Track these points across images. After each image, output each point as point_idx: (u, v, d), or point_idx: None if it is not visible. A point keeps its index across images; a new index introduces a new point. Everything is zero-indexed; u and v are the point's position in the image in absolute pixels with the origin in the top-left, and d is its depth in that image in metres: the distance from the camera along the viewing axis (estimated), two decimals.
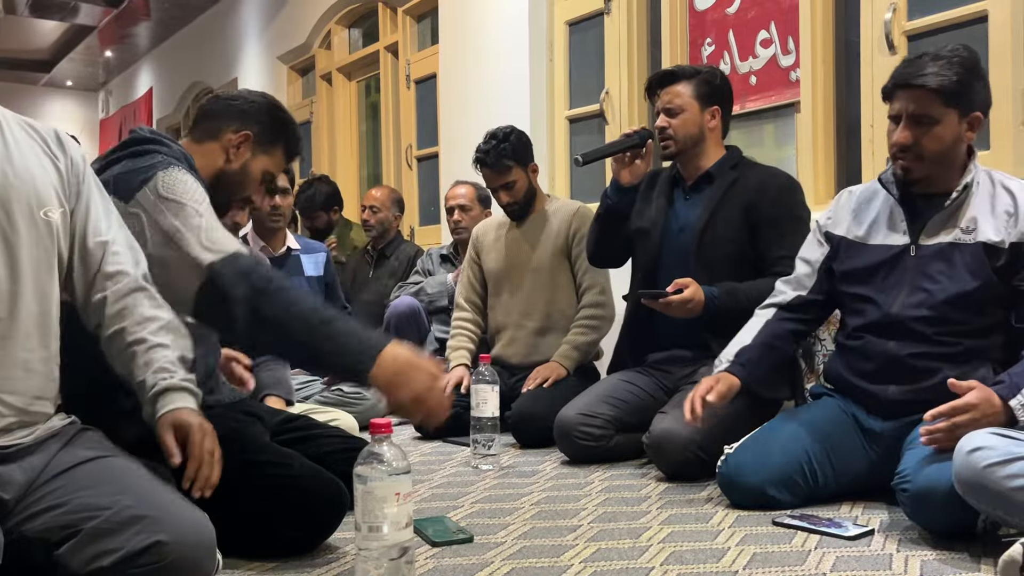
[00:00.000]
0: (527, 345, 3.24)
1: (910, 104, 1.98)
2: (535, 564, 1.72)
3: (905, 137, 1.99)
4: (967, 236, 2.00)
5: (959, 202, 2.02)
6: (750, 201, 2.58)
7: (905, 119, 2.00)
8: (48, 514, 1.35)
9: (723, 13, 3.56)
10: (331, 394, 3.37)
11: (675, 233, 2.69)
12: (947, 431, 1.76)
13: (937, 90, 1.95)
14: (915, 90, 1.97)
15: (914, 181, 2.04)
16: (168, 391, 1.51)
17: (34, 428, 1.45)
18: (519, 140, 3.20)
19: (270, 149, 1.99)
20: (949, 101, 1.96)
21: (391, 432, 1.45)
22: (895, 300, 2.06)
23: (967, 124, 2.00)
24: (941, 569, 1.63)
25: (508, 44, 4.49)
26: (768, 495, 2.06)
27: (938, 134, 1.98)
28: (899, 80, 2.00)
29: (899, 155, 2.02)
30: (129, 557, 1.28)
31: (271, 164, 2.01)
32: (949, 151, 2.01)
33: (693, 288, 2.44)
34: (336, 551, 1.82)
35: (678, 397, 2.54)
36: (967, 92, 1.97)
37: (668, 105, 2.64)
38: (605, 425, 2.64)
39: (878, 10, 2.95)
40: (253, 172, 1.98)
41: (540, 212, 3.28)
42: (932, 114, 1.97)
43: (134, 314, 1.55)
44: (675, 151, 2.66)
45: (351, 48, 6.60)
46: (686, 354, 2.68)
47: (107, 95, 12.48)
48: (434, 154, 5.35)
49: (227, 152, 1.95)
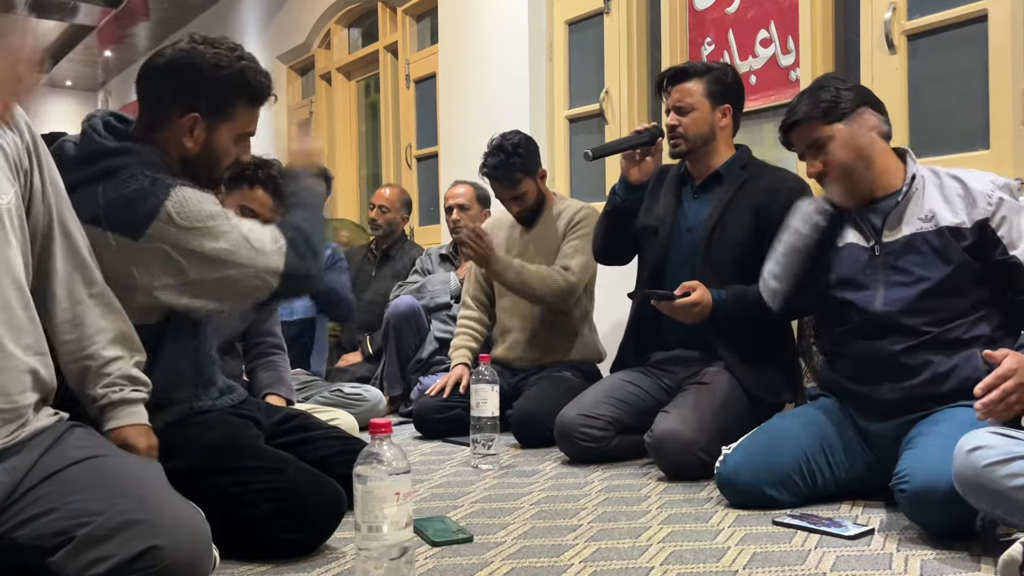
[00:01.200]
0: (530, 348, 3.24)
1: (799, 142, 2.16)
2: (535, 564, 1.72)
3: (814, 167, 2.15)
4: (927, 224, 2.04)
5: (910, 196, 2.08)
6: (760, 204, 2.56)
7: (806, 153, 2.16)
8: (40, 520, 1.33)
9: (723, 12, 3.56)
10: (331, 394, 3.37)
11: (683, 232, 2.67)
12: (1000, 399, 1.72)
13: (807, 117, 2.12)
14: (794, 128, 2.15)
15: (853, 203, 2.14)
16: (118, 404, 1.55)
17: (17, 426, 1.41)
18: (527, 150, 3.18)
19: (228, 113, 1.84)
20: (825, 118, 2.10)
21: (391, 432, 1.45)
22: (874, 299, 2.07)
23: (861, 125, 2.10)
24: (941, 568, 1.63)
25: (508, 44, 4.48)
26: (766, 495, 2.07)
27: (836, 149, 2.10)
28: (780, 129, 2.20)
29: (823, 184, 2.16)
30: (124, 563, 1.27)
31: (237, 127, 1.86)
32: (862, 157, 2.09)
33: (700, 291, 2.43)
34: (336, 551, 1.82)
35: (681, 397, 2.54)
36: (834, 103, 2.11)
37: (679, 103, 2.62)
38: (606, 427, 2.63)
39: (878, 9, 2.95)
40: (219, 145, 1.85)
41: (548, 214, 3.28)
42: (819, 136, 2.11)
43: (85, 324, 1.58)
44: (685, 150, 2.64)
45: (350, 48, 6.59)
46: (691, 355, 2.67)
47: (106, 95, 12.47)
48: (433, 154, 5.34)
49: (181, 140, 1.82)
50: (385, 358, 3.82)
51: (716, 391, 2.50)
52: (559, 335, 3.20)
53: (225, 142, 1.87)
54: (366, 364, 4.10)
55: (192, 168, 1.86)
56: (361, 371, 4.00)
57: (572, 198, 3.99)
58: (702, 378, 2.57)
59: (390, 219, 4.36)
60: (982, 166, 2.43)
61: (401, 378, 3.76)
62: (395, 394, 3.77)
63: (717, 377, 2.54)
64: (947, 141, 2.80)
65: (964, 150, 2.74)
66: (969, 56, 2.74)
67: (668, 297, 2.44)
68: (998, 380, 1.73)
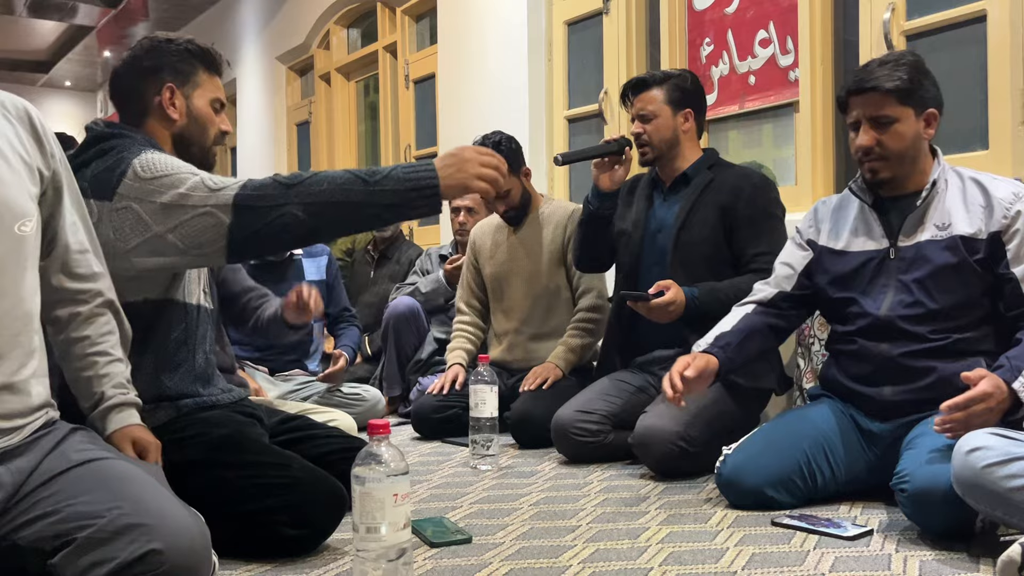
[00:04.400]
0: (526, 350, 3.24)
1: (867, 108, 2.05)
2: (534, 565, 1.72)
3: (867, 139, 2.05)
4: (942, 232, 2.03)
5: (930, 200, 2.06)
6: (725, 202, 2.64)
7: (864, 123, 2.06)
8: (41, 522, 1.33)
9: (722, 13, 3.56)
10: (330, 395, 3.37)
11: (653, 234, 2.75)
12: (963, 420, 1.75)
13: (891, 90, 2.01)
14: (869, 93, 2.03)
15: (882, 183, 2.09)
16: (124, 406, 1.58)
17: (18, 427, 1.42)
18: (509, 149, 3.19)
19: (193, 79, 2.00)
20: (904, 99, 2.03)
21: (389, 433, 1.45)
22: (882, 303, 2.07)
23: (924, 121, 2.06)
24: (940, 569, 1.63)
25: (507, 44, 4.48)
26: (767, 496, 2.06)
27: (898, 132, 2.04)
28: (852, 87, 2.07)
29: (864, 159, 2.08)
30: (124, 567, 1.27)
31: (207, 92, 2.01)
32: (911, 149, 2.06)
33: (675, 290, 2.47)
34: (335, 552, 1.82)
35: (660, 397, 2.55)
36: (919, 90, 2.04)
37: (641, 111, 2.72)
38: (601, 421, 2.65)
39: (877, 10, 2.94)
40: (201, 110, 2.00)
41: (536, 215, 3.27)
42: (890, 113, 2.03)
43: (98, 324, 1.61)
44: (652, 156, 2.73)
45: (350, 48, 6.59)
46: (669, 353, 2.68)
47: (105, 95, 12.48)
48: (433, 154, 5.34)
49: (168, 114, 1.97)
50: (384, 359, 3.82)
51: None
52: (555, 337, 3.20)
53: (204, 107, 2.01)
54: (365, 364, 4.10)
55: (185, 140, 1.99)
56: (360, 371, 4.01)
57: (567, 200, 4.00)
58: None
59: None
60: (981, 166, 2.42)
61: (400, 379, 3.76)
62: (394, 395, 3.77)
63: None
64: (946, 141, 2.79)
65: (963, 150, 2.74)
66: (968, 56, 2.74)
67: (643, 298, 2.46)
68: (968, 402, 1.75)
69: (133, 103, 1.98)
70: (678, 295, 2.47)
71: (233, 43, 7.94)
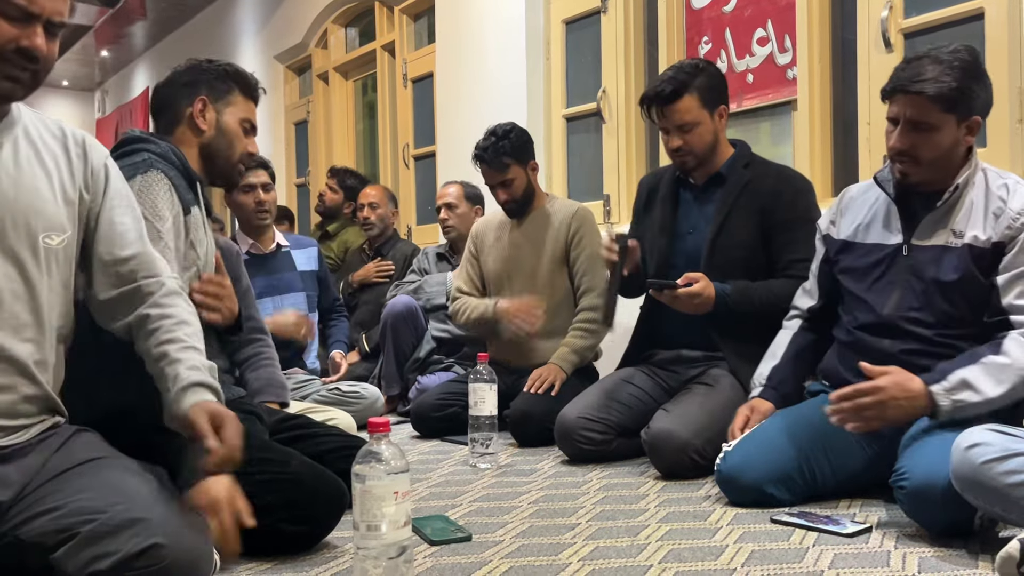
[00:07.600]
0: (526, 348, 3.23)
1: (908, 109, 1.97)
2: (533, 562, 1.72)
3: (903, 143, 1.99)
4: (956, 240, 2.01)
5: (952, 202, 2.03)
6: (765, 205, 2.54)
7: (903, 124, 1.99)
8: (44, 517, 1.35)
9: (720, 11, 3.56)
10: (329, 393, 3.37)
11: (683, 235, 2.66)
12: (850, 411, 1.87)
13: (935, 97, 1.93)
14: (914, 96, 1.95)
15: (912, 184, 2.05)
16: (201, 386, 1.53)
17: (26, 427, 1.45)
18: (519, 138, 3.19)
19: (228, 98, 2.09)
20: (948, 108, 1.95)
21: (389, 431, 1.45)
22: (888, 301, 2.07)
23: (966, 128, 1.99)
24: (939, 566, 1.63)
25: (505, 43, 4.48)
26: (766, 493, 2.07)
27: (936, 141, 1.98)
28: (898, 84, 1.98)
29: (896, 158, 2.03)
30: (126, 560, 1.28)
31: (239, 112, 2.10)
32: (946, 155, 2.00)
33: (703, 283, 2.43)
34: (335, 550, 1.82)
35: (682, 396, 2.54)
36: (966, 98, 1.95)
37: (680, 123, 2.55)
38: (606, 430, 2.63)
39: (875, 8, 2.95)
40: (230, 126, 2.08)
41: (539, 211, 3.26)
42: (930, 121, 1.96)
43: (176, 311, 1.60)
44: (694, 164, 2.61)
45: (347, 47, 6.59)
46: (694, 354, 2.67)
47: (103, 95, 12.47)
48: (431, 153, 5.34)
49: (197, 125, 2.05)
50: (383, 357, 3.82)
51: (718, 393, 2.50)
52: (556, 336, 3.19)
53: (234, 124, 2.09)
54: (363, 363, 4.10)
55: (211, 152, 2.07)
56: (358, 370, 4.01)
57: (568, 198, 4.00)
58: (705, 379, 2.57)
59: (382, 215, 4.39)
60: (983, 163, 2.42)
61: (399, 377, 3.77)
62: (393, 393, 3.77)
63: (721, 379, 2.55)
64: None
65: None
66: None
67: (670, 286, 2.44)
68: (856, 393, 1.85)
69: (167, 113, 2.08)
70: (706, 288, 2.43)
71: (231, 42, 7.94)
